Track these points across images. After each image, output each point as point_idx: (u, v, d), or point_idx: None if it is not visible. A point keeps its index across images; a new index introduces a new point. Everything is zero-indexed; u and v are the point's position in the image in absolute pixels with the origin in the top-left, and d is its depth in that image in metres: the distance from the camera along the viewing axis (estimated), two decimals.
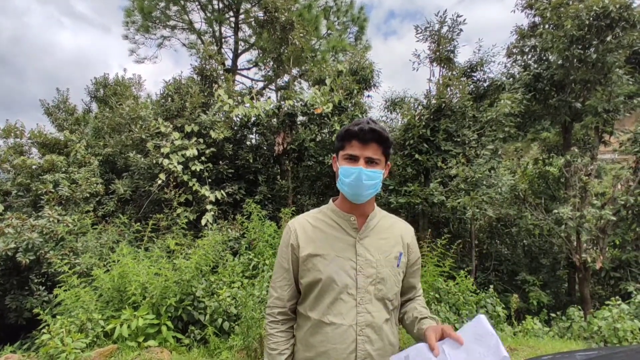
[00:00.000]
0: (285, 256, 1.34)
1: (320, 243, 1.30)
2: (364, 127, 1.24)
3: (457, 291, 5.40)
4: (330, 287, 1.25)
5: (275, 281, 1.37)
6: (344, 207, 1.35)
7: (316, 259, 1.28)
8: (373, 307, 1.27)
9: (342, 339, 1.24)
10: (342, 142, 1.29)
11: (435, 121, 7.44)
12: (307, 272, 1.29)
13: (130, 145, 8.18)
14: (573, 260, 7.44)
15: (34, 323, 5.03)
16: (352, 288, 1.26)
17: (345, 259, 1.28)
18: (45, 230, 5.54)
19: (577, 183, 7.59)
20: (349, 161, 1.27)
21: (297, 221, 1.37)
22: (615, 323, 4.47)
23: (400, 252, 1.36)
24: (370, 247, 1.31)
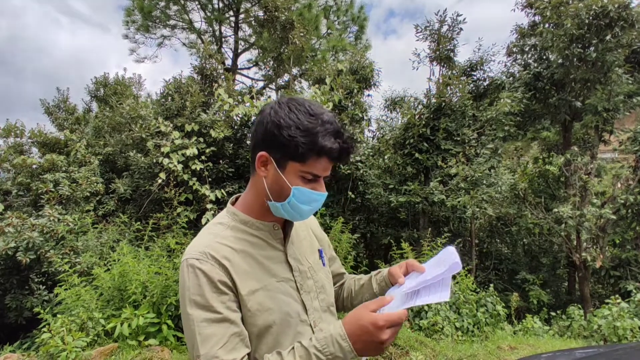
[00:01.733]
0: (219, 301, 0.90)
1: (255, 271, 0.97)
2: (348, 148, 0.95)
3: (457, 290, 5.41)
4: (287, 323, 0.97)
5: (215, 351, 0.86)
6: (261, 216, 1.03)
7: (260, 294, 0.95)
8: (324, 324, 1.05)
9: None
10: (306, 152, 0.92)
11: (435, 120, 7.45)
12: (253, 317, 0.94)
13: (130, 145, 8.18)
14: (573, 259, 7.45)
15: (34, 322, 5.04)
16: (303, 313, 1.02)
17: (285, 281, 1.01)
18: (46, 229, 5.54)
19: (577, 182, 7.60)
20: (308, 182, 0.96)
21: (210, 249, 0.94)
22: (615, 321, 4.48)
23: (319, 248, 1.18)
24: (298, 255, 1.07)
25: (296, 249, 1.08)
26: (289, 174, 0.95)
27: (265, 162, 0.97)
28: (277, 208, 0.98)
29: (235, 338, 0.90)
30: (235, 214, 1.04)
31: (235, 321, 0.91)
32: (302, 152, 0.91)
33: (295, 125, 0.91)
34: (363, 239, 7.77)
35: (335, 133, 0.93)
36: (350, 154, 0.97)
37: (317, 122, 0.92)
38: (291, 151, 0.92)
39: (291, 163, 0.94)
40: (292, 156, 0.93)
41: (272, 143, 0.94)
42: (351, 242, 5.87)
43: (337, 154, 0.93)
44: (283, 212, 0.98)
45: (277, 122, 0.92)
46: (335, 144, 0.92)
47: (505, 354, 4.14)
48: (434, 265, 1.01)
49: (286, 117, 0.92)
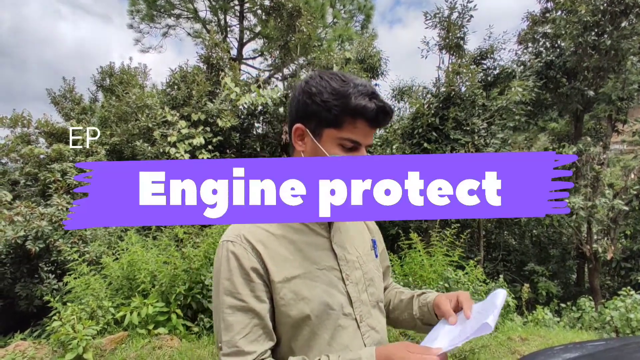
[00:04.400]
0: (247, 289, 0.86)
1: (293, 257, 0.91)
2: (384, 106, 0.88)
3: (467, 281, 5.36)
4: (326, 315, 0.90)
5: (236, 340, 0.83)
6: None
7: (296, 283, 0.89)
8: (374, 320, 0.98)
9: None
10: (340, 117, 0.87)
11: (444, 110, 7.33)
12: (287, 307, 0.88)
13: (137, 134, 8.16)
14: (583, 250, 7.37)
15: (44, 310, 5.07)
16: (347, 305, 0.94)
17: (328, 269, 0.94)
18: (54, 218, 5.54)
19: (589, 172, 7.48)
20: (348, 150, 0.91)
21: (245, 232, 0.90)
22: (629, 313, 4.41)
23: (373, 239, 1.11)
24: (345, 244, 0.99)
25: (344, 237, 1.00)
26: (326, 143, 0.90)
27: (302, 135, 0.93)
28: None
29: (259, 330, 0.86)
30: None
31: (260, 313, 0.86)
32: (335, 115, 0.87)
33: (327, 91, 0.88)
34: None
35: (369, 94, 0.88)
36: (389, 115, 0.90)
37: (349, 85, 0.88)
38: (325, 116, 0.88)
39: (327, 130, 0.90)
40: (327, 122, 0.89)
41: (305, 113, 0.91)
42: None
43: (373, 114, 0.87)
44: None
45: (309, 91, 0.90)
46: (370, 103, 0.87)
47: (516, 345, 4.10)
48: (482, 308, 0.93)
49: (318, 85, 0.89)
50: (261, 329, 0.86)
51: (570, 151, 7.35)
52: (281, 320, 0.89)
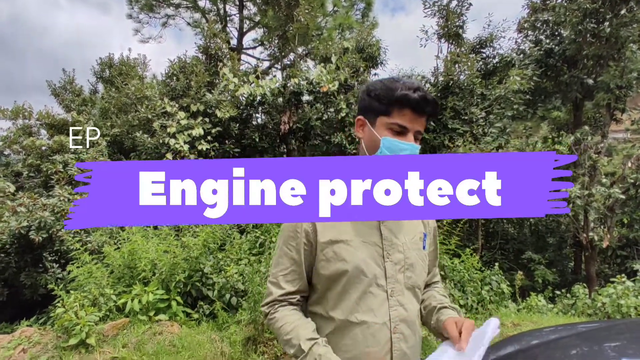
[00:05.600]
0: (294, 244, 1.09)
1: (342, 227, 1.08)
2: (425, 96, 1.04)
3: (463, 269, 5.45)
4: (358, 279, 1.05)
5: (278, 275, 1.11)
6: None
7: (339, 246, 1.06)
8: (405, 299, 1.09)
9: (375, 340, 1.04)
10: (389, 106, 1.05)
11: (442, 99, 7.34)
12: (327, 262, 1.06)
13: (137, 125, 8.21)
14: (580, 239, 7.43)
15: (48, 299, 5.20)
16: (381, 278, 1.07)
17: (371, 244, 1.08)
18: (57, 209, 5.64)
19: (587, 161, 7.50)
20: (397, 133, 1.05)
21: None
22: (619, 299, 4.50)
23: (424, 232, 1.21)
24: (394, 229, 1.12)
25: (394, 223, 1.13)
26: (378, 128, 1.09)
27: (362, 125, 1.13)
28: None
29: (295, 274, 1.10)
30: None
31: (298, 261, 1.10)
32: (385, 104, 1.06)
33: (379, 87, 1.08)
34: None
35: (414, 87, 1.04)
36: (433, 104, 1.06)
37: (399, 82, 1.06)
38: (377, 107, 1.08)
39: (379, 118, 1.09)
40: (379, 111, 1.08)
41: (364, 107, 1.12)
42: None
43: (416, 103, 1.04)
44: None
45: (367, 89, 1.12)
46: (414, 94, 1.03)
47: (508, 330, 4.19)
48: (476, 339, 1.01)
49: (374, 84, 1.11)
50: (297, 275, 1.11)
51: (567, 140, 7.36)
52: (320, 273, 1.09)
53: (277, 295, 1.10)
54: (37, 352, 3.38)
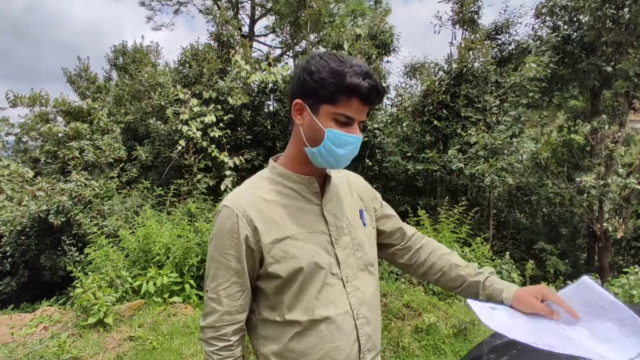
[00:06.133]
0: (232, 252, 0.97)
1: (285, 221, 1.00)
2: (377, 85, 0.94)
3: (473, 257, 5.44)
4: (315, 272, 0.99)
5: (218, 289, 0.98)
6: (299, 168, 1.04)
7: (286, 243, 0.98)
8: (360, 281, 1.06)
9: (341, 332, 1.00)
10: (336, 94, 0.93)
11: (455, 87, 7.24)
12: (278, 264, 0.98)
13: (150, 112, 8.31)
14: (594, 229, 7.33)
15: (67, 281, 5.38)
16: (335, 266, 1.02)
17: (318, 233, 1.02)
18: (74, 193, 5.79)
19: (603, 151, 7.35)
20: (342, 125, 0.96)
21: (240, 199, 1.01)
22: (632, 290, 4.45)
23: (361, 209, 1.16)
24: (336, 212, 1.07)
25: (335, 205, 1.07)
26: (322, 118, 0.96)
27: (301, 109, 0.99)
28: (314, 154, 0.98)
29: (237, 286, 0.99)
30: (274, 167, 1.07)
31: (239, 271, 0.98)
32: (331, 92, 0.93)
33: (325, 70, 0.94)
34: None
35: (363, 74, 0.93)
36: (381, 94, 0.97)
37: (346, 65, 0.94)
38: (322, 93, 0.94)
39: (323, 106, 0.96)
40: (324, 98, 0.95)
41: (304, 89, 0.97)
42: None
43: (366, 92, 0.93)
44: (319, 157, 0.98)
45: (309, 69, 0.96)
46: (364, 82, 0.92)
47: None
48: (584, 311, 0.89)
49: (317, 64, 0.95)
50: (239, 287, 0.99)
51: (584, 129, 7.22)
52: (271, 277, 0.99)
53: (220, 313, 0.98)
54: (57, 330, 3.52)
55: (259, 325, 1.04)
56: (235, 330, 1.00)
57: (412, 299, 3.78)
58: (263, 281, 1.01)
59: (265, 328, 1.03)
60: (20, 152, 9.18)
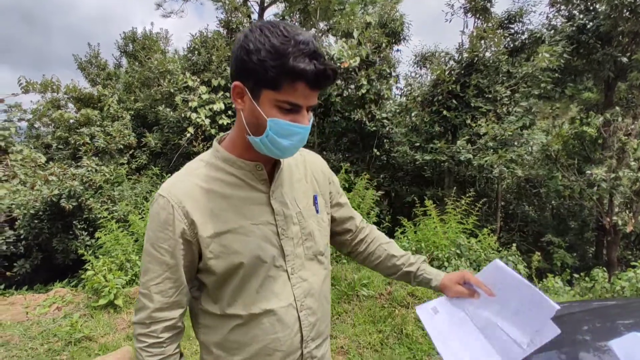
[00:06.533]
0: (165, 246, 0.89)
1: (226, 213, 0.91)
2: (325, 69, 0.81)
3: (479, 248, 5.44)
4: (257, 267, 0.93)
5: (149, 285, 0.91)
6: (245, 154, 0.94)
7: (227, 238, 0.91)
8: (307, 272, 1.01)
9: (283, 324, 0.96)
10: (279, 79, 0.81)
11: (466, 76, 7.15)
12: (217, 259, 0.90)
13: (159, 100, 8.36)
14: (603, 223, 7.27)
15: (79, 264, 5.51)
16: (280, 258, 0.96)
17: (263, 224, 0.94)
18: (85, 178, 5.89)
19: (615, 144, 7.24)
20: (287, 112, 0.85)
21: (177, 188, 0.91)
22: (638, 283, 4.42)
23: (315, 194, 1.08)
24: (285, 199, 0.99)
25: (285, 191, 1.00)
26: (264, 104, 0.84)
27: (241, 93, 0.87)
28: (257, 143, 0.88)
29: (169, 282, 0.91)
30: (218, 151, 0.96)
31: (173, 266, 0.90)
32: (273, 77, 0.80)
33: (265, 48, 0.80)
34: (387, 196, 7.83)
35: (310, 54, 0.80)
36: (330, 78, 0.83)
37: (290, 43, 0.80)
38: (262, 77, 0.81)
39: (265, 91, 0.83)
40: (265, 83, 0.82)
41: (243, 71, 0.84)
42: (375, 199, 5.94)
43: (313, 77, 0.80)
44: (263, 147, 0.88)
45: (246, 47, 0.82)
46: (310, 65, 0.79)
47: None
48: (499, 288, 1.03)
49: (256, 40, 0.81)
50: (172, 283, 0.91)
51: (596, 121, 7.11)
52: (209, 272, 0.92)
53: (150, 310, 0.90)
54: (70, 310, 3.62)
55: (200, 315, 0.99)
56: (166, 328, 0.92)
57: (416, 288, 3.81)
58: (203, 275, 0.95)
59: (206, 318, 0.98)
60: (32, 137, 9.33)
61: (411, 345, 3.09)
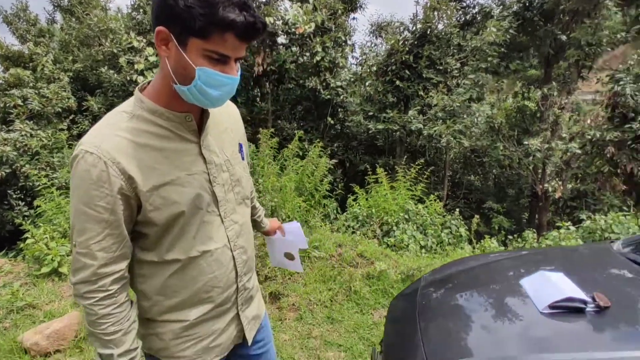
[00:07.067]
0: (102, 204, 0.87)
1: (162, 166, 0.92)
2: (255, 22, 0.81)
3: (426, 213, 5.77)
4: (194, 214, 0.97)
5: (89, 243, 0.88)
6: (172, 104, 0.92)
7: (166, 189, 0.92)
8: (237, 215, 1.08)
9: (219, 263, 1.03)
10: (208, 28, 0.79)
11: (419, 47, 7.31)
12: (157, 210, 0.92)
13: (101, 61, 7.79)
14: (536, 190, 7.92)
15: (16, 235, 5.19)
16: (213, 204, 1.01)
17: (198, 173, 0.97)
18: (18, 144, 5.46)
19: (550, 117, 7.81)
20: (215, 62, 0.84)
21: (106, 144, 0.86)
22: (561, 242, 4.95)
23: (240, 143, 1.14)
24: (215, 149, 1.02)
25: (214, 140, 1.02)
26: (191, 53, 0.82)
27: (165, 39, 0.83)
28: (185, 92, 0.87)
29: (112, 238, 0.90)
30: (142, 102, 0.92)
31: (114, 222, 0.89)
32: (202, 26, 0.78)
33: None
34: (342, 165, 7.98)
35: (240, 5, 0.80)
36: (260, 31, 0.84)
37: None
38: (190, 25, 0.79)
39: (192, 39, 0.81)
40: (192, 31, 0.79)
41: (169, 15, 0.80)
42: (328, 167, 6.05)
43: (242, 28, 0.80)
44: (191, 97, 0.87)
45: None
46: (240, 16, 0.79)
47: None
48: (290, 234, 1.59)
49: None
50: (115, 238, 0.90)
51: (535, 95, 7.58)
52: (150, 223, 0.93)
53: (95, 267, 0.89)
54: (10, 280, 3.45)
55: (135, 265, 1.00)
56: (114, 280, 0.91)
57: (365, 249, 4.00)
58: (142, 226, 0.95)
59: (143, 267, 0.99)
60: None
61: (359, 300, 3.29)
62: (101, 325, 0.91)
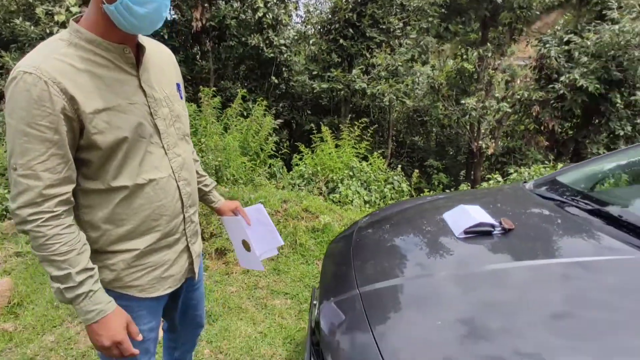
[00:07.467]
0: (46, 123, 0.86)
1: (104, 92, 0.93)
2: None
3: (369, 170, 5.98)
4: (138, 142, 0.99)
5: (33, 164, 0.87)
6: (109, 35, 0.93)
7: (109, 114, 0.93)
8: (180, 149, 1.12)
9: (165, 192, 1.07)
10: None
11: (362, 5, 7.26)
12: (101, 134, 0.92)
13: (15, 12, 6.92)
14: (472, 147, 8.46)
15: None
16: (155, 135, 1.04)
17: (140, 104, 1.00)
18: None
19: (485, 77, 8.23)
20: None
21: (46, 65, 0.86)
22: None
23: (177, 83, 1.18)
24: (153, 84, 1.05)
25: (151, 77, 1.05)
26: None
27: None
28: (113, 12, 0.87)
29: (57, 158, 0.89)
30: (79, 31, 0.92)
31: (59, 142, 0.88)
32: None
33: None
34: (288, 126, 7.94)
35: None
36: None
37: None
38: None
39: None
40: None
41: None
42: (273, 126, 6.01)
43: None
44: (119, 16, 0.87)
45: None
46: None
47: None
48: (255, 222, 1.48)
49: None
50: (61, 159, 0.89)
51: (472, 56, 7.91)
52: (94, 147, 0.94)
53: (40, 188, 0.87)
54: None
55: (79, 196, 0.99)
56: (60, 202, 0.91)
57: (310, 204, 4.11)
58: (85, 152, 0.95)
59: (88, 197, 0.99)
60: None
61: (304, 252, 3.42)
62: (52, 247, 0.90)
